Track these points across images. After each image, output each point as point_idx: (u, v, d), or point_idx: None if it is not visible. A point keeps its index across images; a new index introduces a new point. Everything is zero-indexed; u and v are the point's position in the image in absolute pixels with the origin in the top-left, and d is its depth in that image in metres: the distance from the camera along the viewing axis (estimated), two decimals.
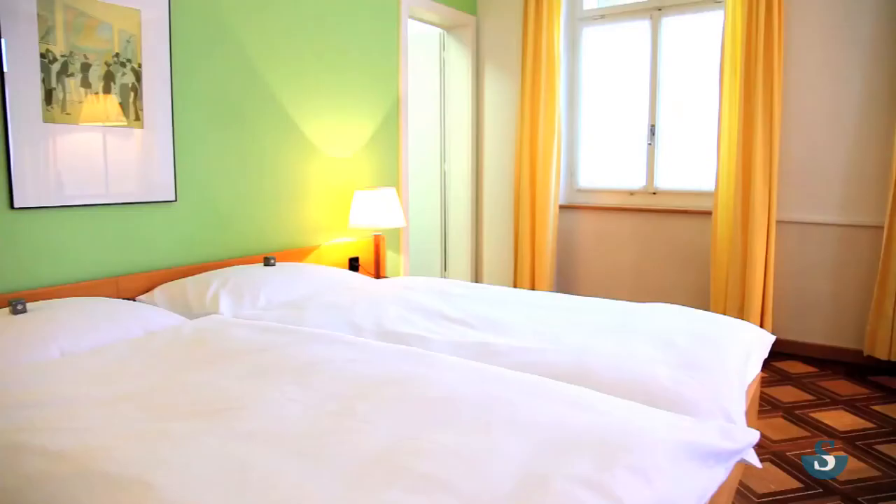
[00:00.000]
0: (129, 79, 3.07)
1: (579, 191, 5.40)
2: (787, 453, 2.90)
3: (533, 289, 5.17)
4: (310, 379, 1.73)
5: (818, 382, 3.84)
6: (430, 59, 5.56)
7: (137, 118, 3.11)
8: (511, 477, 1.20)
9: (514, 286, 5.27)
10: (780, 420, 3.28)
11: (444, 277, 5.74)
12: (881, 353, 3.96)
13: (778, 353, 4.35)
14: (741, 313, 4.33)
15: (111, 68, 2.99)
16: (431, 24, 5.30)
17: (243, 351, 2.01)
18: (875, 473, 2.73)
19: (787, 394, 3.65)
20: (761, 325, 4.30)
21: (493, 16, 5.39)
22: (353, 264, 4.23)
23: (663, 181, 5.00)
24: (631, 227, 5.03)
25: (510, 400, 1.53)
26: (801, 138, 4.25)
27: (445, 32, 5.50)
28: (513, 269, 5.30)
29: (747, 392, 2.32)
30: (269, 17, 3.63)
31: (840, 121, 4.13)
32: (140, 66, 3.10)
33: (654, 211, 4.93)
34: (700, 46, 4.69)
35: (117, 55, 3.01)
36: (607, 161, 5.26)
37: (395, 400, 1.56)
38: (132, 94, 3.08)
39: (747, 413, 2.18)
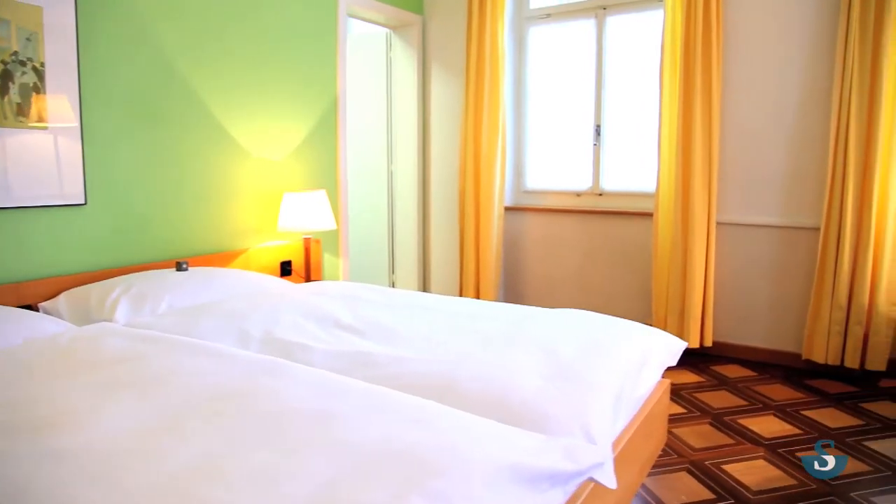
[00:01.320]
0: (31, 78, 2.95)
1: (527, 192, 5.32)
2: (706, 462, 2.82)
3: (478, 293, 5.08)
4: (153, 392, 1.63)
5: (754, 387, 3.77)
6: (377, 58, 5.47)
7: (41, 119, 3.00)
8: None
9: (460, 290, 5.19)
10: (707, 427, 3.21)
11: (393, 281, 5.64)
12: (819, 357, 3.90)
13: (718, 356, 4.29)
14: (682, 317, 4.26)
15: (9, 67, 2.87)
16: (376, 23, 5.20)
17: (106, 362, 1.91)
18: (790, 482, 2.66)
19: (720, 399, 3.58)
20: (702, 329, 4.24)
21: (439, 15, 5.30)
22: (286, 268, 4.13)
23: (609, 182, 4.93)
24: (577, 230, 4.96)
25: (346, 415, 1.44)
26: (740, 139, 4.19)
27: (392, 32, 5.40)
28: (458, 272, 5.20)
29: (646, 402, 2.24)
30: (191, 15, 3.52)
31: (779, 122, 4.07)
32: (43, 65, 2.98)
33: (599, 213, 4.86)
34: (644, 46, 4.63)
35: (16, 53, 2.89)
36: (555, 162, 5.19)
37: (226, 415, 1.46)
38: (34, 94, 2.96)
39: (639, 425, 2.10)
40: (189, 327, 2.41)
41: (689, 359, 4.26)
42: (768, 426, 3.22)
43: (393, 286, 5.63)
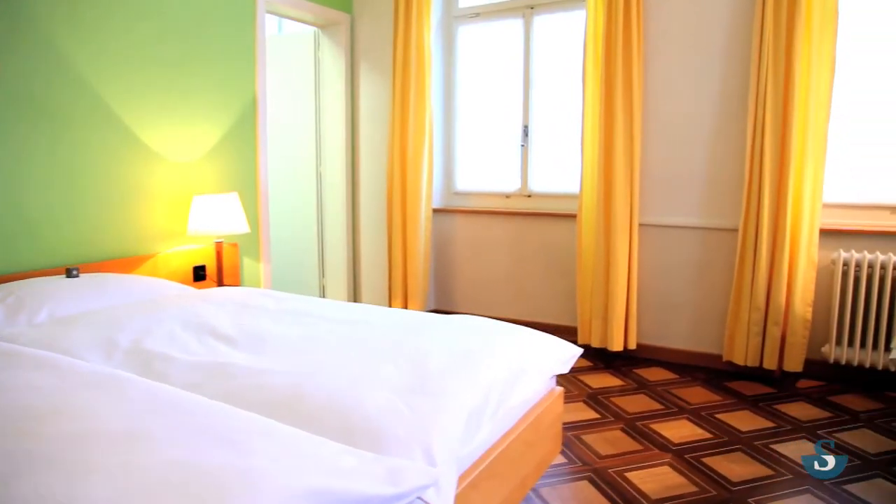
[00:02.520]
0: None
1: (457, 194, 5.24)
2: (610, 470, 2.76)
3: (405, 299, 4.98)
4: None
5: (672, 390, 3.72)
6: (304, 58, 5.34)
7: None
8: None
9: (389, 295, 5.08)
10: (618, 433, 3.15)
11: (323, 285, 5.51)
12: (739, 359, 3.87)
13: (643, 359, 4.25)
14: (605, 320, 4.21)
15: None
16: (301, 21, 5.08)
17: None
18: (691, 489, 2.61)
19: (636, 404, 3.52)
20: (626, 331, 4.19)
21: (368, 14, 5.20)
22: (199, 273, 3.98)
23: (537, 184, 4.87)
24: (507, 232, 4.89)
25: (153, 436, 1.33)
26: (661, 141, 4.15)
27: (320, 31, 5.28)
28: (387, 276, 5.10)
29: (529, 411, 2.16)
30: (88, 9, 3.35)
31: (699, 124, 4.04)
32: None
33: (528, 215, 4.80)
34: (570, 46, 4.57)
35: None
36: (485, 163, 5.11)
37: (27, 435, 1.34)
38: None
39: (517, 436, 2.01)
40: (57, 338, 2.27)
41: (614, 362, 4.22)
42: (680, 431, 3.17)
43: (323, 291, 5.50)
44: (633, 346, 4.22)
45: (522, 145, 4.87)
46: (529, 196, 4.89)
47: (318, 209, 5.43)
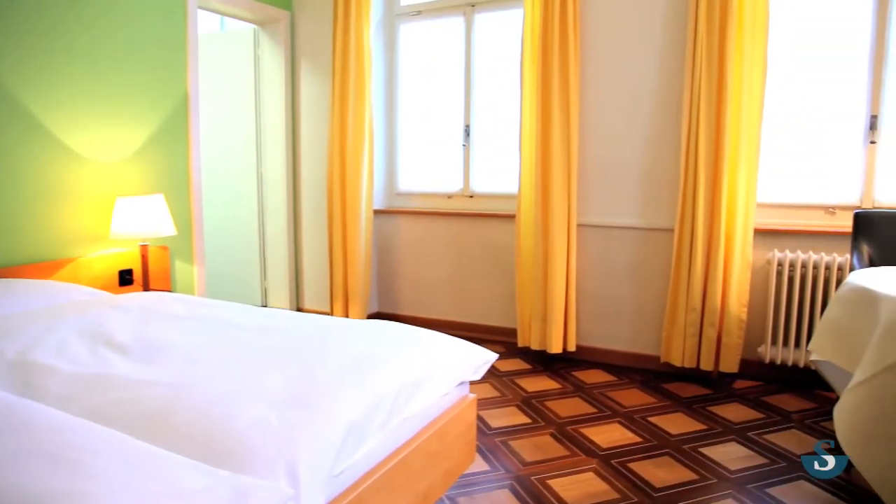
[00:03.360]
0: None
1: (400, 194, 5.16)
2: (533, 477, 2.69)
3: (346, 302, 4.88)
4: None
5: (608, 393, 3.67)
6: (244, 56, 5.21)
7: None
8: None
9: (330, 299, 4.97)
10: (547, 438, 3.09)
11: (265, 288, 5.39)
12: (676, 360, 3.84)
13: (582, 361, 4.20)
14: (544, 321, 4.16)
15: None
16: (237, 17, 4.95)
17: None
18: (612, 496, 2.55)
19: (570, 407, 3.46)
20: (565, 333, 4.14)
21: (308, 11, 5.09)
22: (126, 277, 3.84)
23: (479, 184, 4.80)
24: (449, 233, 4.81)
25: None
26: (599, 140, 4.11)
27: (259, 28, 5.16)
28: (329, 279, 4.99)
29: (434, 421, 2.08)
30: (6, 7, 3.21)
31: (635, 124, 4.01)
32: None
33: (470, 215, 4.73)
34: (510, 45, 4.51)
35: None
36: (427, 163, 5.03)
37: None
38: None
39: (417, 447, 1.93)
40: None
41: (554, 364, 4.16)
42: (610, 435, 3.11)
43: (265, 294, 5.38)
44: (572, 348, 4.17)
45: (464, 145, 4.80)
46: (472, 196, 4.82)
47: (260, 210, 5.31)
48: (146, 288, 3.82)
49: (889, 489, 1.87)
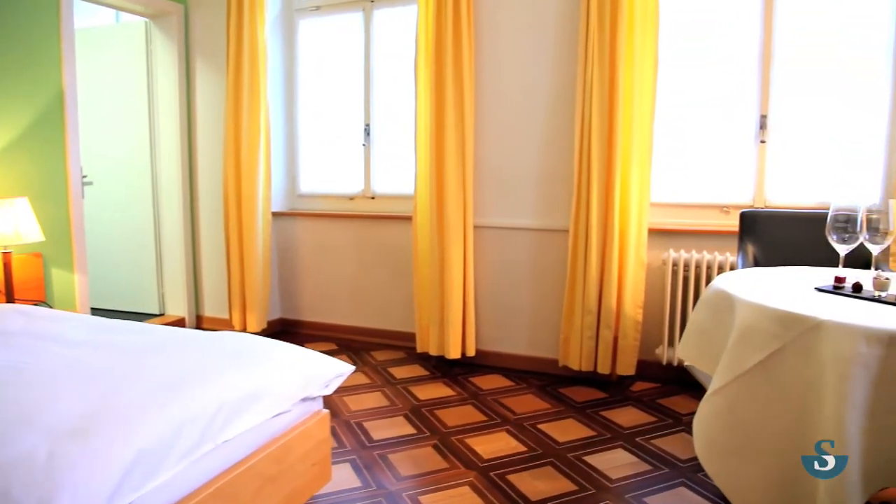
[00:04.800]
0: None
1: (301, 196, 4.97)
2: (405, 494, 2.55)
3: (244, 308, 4.66)
4: None
5: (502, 399, 3.56)
6: (136, 51, 4.95)
7: None
8: None
9: (229, 305, 4.75)
10: (429, 450, 2.95)
11: (162, 295, 5.13)
12: (574, 364, 3.75)
13: (482, 366, 4.08)
14: (441, 326, 4.03)
15: None
16: (124, 10, 4.70)
17: None
18: None
19: (460, 416, 3.34)
20: (463, 338, 4.02)
21: (202, 4, 4.85)
22: None
23: (380, 185, 4.65)
24: (351, 235, 4.65)
25: None
26: (494, 140, 4.01)
27: (151, 22, 4.90)
28: (227, 285, 4.77)
29: (273, 440, 1.92)
30: None
31: (531, 123, 3.92)
32: None
33: (372, 217, 4.57)
34: (408, 42, 4.36)
35: None
36: (329, 164, 4.85)
37: None
38: None
39: (246, 470, 1.77)
40: None
41: (453, 370, 4.03)
42: (494, 445, 3.00)
43: (162, 301, 5.12)
44: (472, 353, 4.05)
45: (364, 145, 4.64)
46: (373, 198, 4.67)
47: (155, 213, 5.05)
48: (9, 299, 3.56)
49: None
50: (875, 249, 2.13)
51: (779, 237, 3.11)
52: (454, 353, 4.00)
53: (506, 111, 3.95)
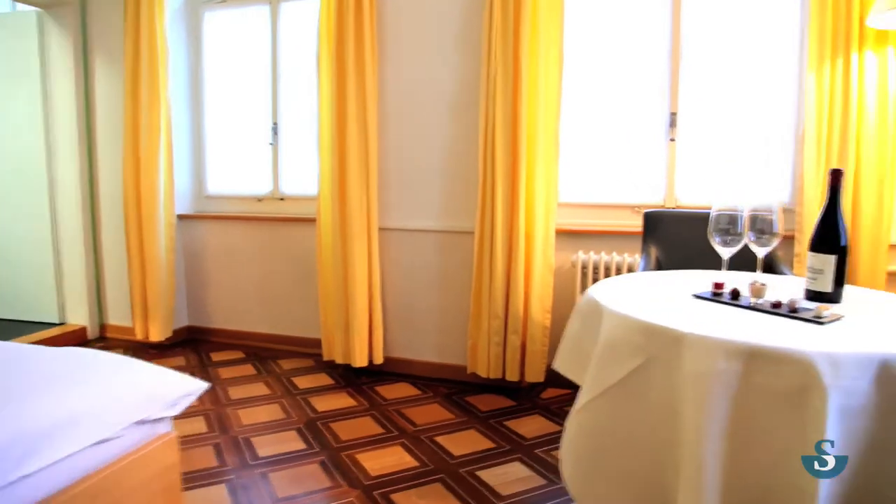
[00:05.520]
0: None
1: (209, 198, 4.73)
2: None
3: (146, 316, 4.41)
4: None
5: (406, 410, 3.40)
6: (27, 43, 4.65)
7: None
8: None
9: (132, 313, 4.49)
10: (314, 468, 2.77)
11: (61, 304, 4.84)
12: (482, 371, 3.61)
13: (391, 374, 3.92)
14: (347, 332, 3.85)
15: None
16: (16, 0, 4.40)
17: None
18: None
19: (357, 429, 3.16)
20: (370, 344, 3.85)
21: None
22: None
23: (289, 186, 4.44)
24: (260, 238, 4.44)
25: None
26: (399, 139, 3.85)
27: (43, 12, 4.61)
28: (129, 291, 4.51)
29: (100, 470, 1.72)
30: None
31: (436, 121, 3.78)
32: None
33: (280, 219, 4.36)
34: (314, 37, 4.16)
35: None
36: (238, 164, 4.63)
37: None
38: None
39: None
40: None
41: (360, 379, 3.86)
42: (385, 461, 2.83)
43: (62, 311, 4.83)
44: (379, 360, 3.88)
45: (271, 144, 4.44)
46: (282, 199, 4.47)
47: (52, 218, 4.75)
48: None
49: None
50: (760, 252, 2.01)
51: (682, 238, 3.01)
52: (360, 360, 3.82)
53: (411, 109, 3.80)
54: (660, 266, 3.00)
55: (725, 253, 2.02)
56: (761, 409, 1.42)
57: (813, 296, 1.92)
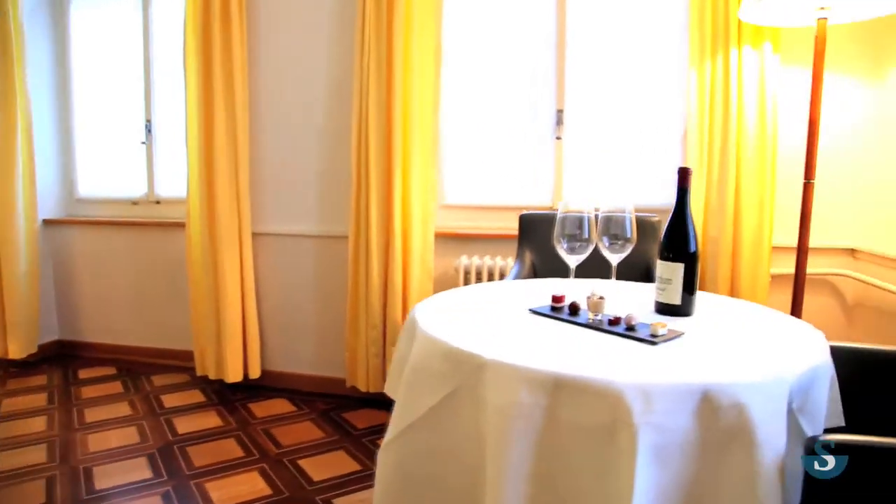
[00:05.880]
0: None
1: (80, 201, 4.39)
2: None
3: (5, 334, 4.04)
4: None
5: (275, 429, 3.17)
6: None
7: None
8: None
9: None
10: (154, 501, 2.49)
11: None
12: (361, 384, 3.40)
13: (269, 389, 3.67)
14: (219, 344, 3.58)
15: None
16: None
17: None
18: None
19: (215, 453, 2.92)
20: (245, 357, 3.61)
21: None
22: None
23: (165, 188, 4.14)
24: (134, 245, 4.13)
25: None
26: (273, 138, 3.61)
27: None
28: None
29: None
30: None
31: (311, 120, 3.54)
32: None
33: (156, 224, 4.06)
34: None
35: None
36: (111, 164, 4.30)
37: None
38: None
39: None
40: None
41: (236, 395, 3.59)
42: (237, 489, 2.60)
43: None
44: (256, 374, 3.64)
45: (144, 143, 4.13)
46: (158, 202, 4.16)
47: None
48: None
49: None
50: (614, 259, 1.84)
51: None
52: (234, 375, 3.57)
53: (286, 104, 3.56)
54: (535, 273, 2.83)
55: (572, 261, 1.83)
56: (569, 448, 1.24)
57: (662, 308, 1.77)
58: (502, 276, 3.29)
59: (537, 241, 2.87)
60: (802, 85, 2.79)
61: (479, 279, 3.32)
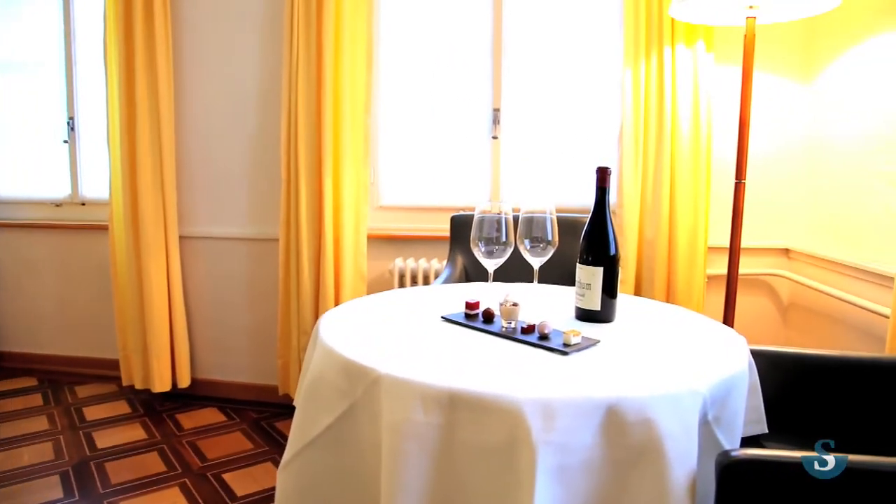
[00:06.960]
0: None
1: None
2: None
3: None
4: None
5: (202, 441, 3.04)
6: None
7: None
8: None
9: None
10: None
11: None
12: (294, 392, 3.26)
13: (200, 398, 3.53)
14: (146, 352, 3.43)
15: None
16: None
17: None
18: None
19: (133, 468, 2.77)
20: (174, 365, 3.45)
21: None
22: None
23: (91, 189, 3.95)
24: (57, 249, 3.94)
25: None
26: (200, 137, 3.46)
27: None
28: None
29: None
30: None
31: (241, 118, 3.41)
32: None
33: (79, 227, 3.87)
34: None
35: None
36: (32, 164, 4.09)
37: None
38: None
39: None
40: None
41: (165, 405, 3.44)
42: None
43: None
44: (185, 383, 3.49)
45: (66, 142, 3.94)
46: (83, 204, 3.97)
47: None
48: None
49: None
50: (536, 263, 1.76)
51: None
52: (161, 385, 3.41)
53: (213, 103, 3.42)
54: (467, 276, 2.75)
55: (491, 265, 1.75)
56: (466, 469, 1.15)
57: (581, 314, 1.70)
58: (437, 276, 3.20)
59: (469, 244, 2.78)
60: (738, 84, 2.76)
61: (414, 282, 3.23)
